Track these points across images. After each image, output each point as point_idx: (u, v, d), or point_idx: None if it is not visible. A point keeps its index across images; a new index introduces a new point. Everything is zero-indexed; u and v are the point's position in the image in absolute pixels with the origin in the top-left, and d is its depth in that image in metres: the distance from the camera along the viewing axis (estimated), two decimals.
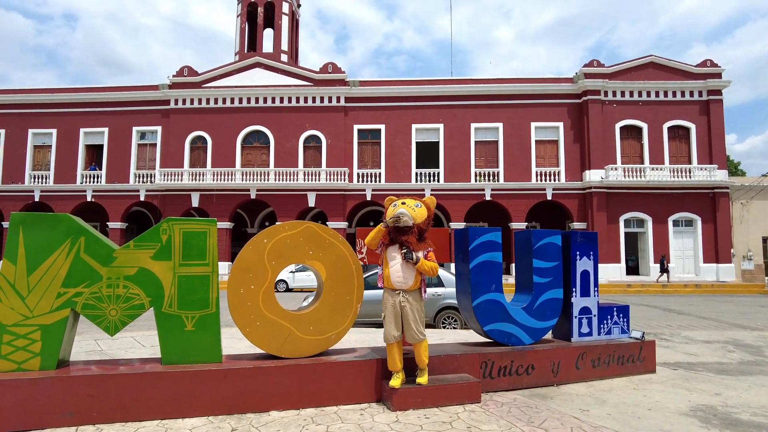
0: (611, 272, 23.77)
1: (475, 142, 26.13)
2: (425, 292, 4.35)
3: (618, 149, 24.98)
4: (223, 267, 23.48)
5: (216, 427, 3.77)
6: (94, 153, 27.85)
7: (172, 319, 4.17)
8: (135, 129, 27.36)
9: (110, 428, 3.72)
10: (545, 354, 5.05)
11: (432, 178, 26.01)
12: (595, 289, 5.57)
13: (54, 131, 27.21)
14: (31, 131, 27.24)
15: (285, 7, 29.35)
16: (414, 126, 26.36)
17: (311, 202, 25.89)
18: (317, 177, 25.83)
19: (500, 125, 25.89)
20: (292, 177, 25.91)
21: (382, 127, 26.51)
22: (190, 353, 4.19)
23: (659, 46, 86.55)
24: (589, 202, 24.71)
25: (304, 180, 25.86)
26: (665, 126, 24.95)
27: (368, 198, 26.01)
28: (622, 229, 24.58)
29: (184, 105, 27.18)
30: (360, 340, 7.24)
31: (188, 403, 3.96)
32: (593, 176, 24.52)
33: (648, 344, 5.60)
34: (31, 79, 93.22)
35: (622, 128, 25.17)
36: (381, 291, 4.40)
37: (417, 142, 26.47)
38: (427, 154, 26.55)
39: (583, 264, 5.52)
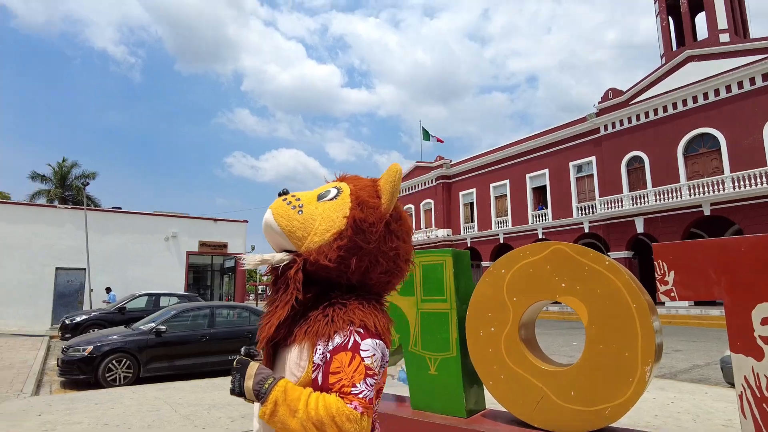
0: None
1: None
2: None
3: None
4: None
5: None
6: (539, 194, 30.47)
7: (417, 359, 3.92)
8: (571, 164, 28.24)
9: None
10: None
11: None
12: None
13: (507, 181, 31.69)
14: (491, 185, 32.78)
15: None
16: None
17: None
18: None
19: None
20: (758, 180, 19.77)
21: None
22: (434, 401, 3.78)
23: None
24: None
25: None
26: None
27: None
28: None
29: (614, 128, 25.98)
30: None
31: None
32: None
33: None
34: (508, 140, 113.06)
35: None
36: None
37: None
38: None
39: None
